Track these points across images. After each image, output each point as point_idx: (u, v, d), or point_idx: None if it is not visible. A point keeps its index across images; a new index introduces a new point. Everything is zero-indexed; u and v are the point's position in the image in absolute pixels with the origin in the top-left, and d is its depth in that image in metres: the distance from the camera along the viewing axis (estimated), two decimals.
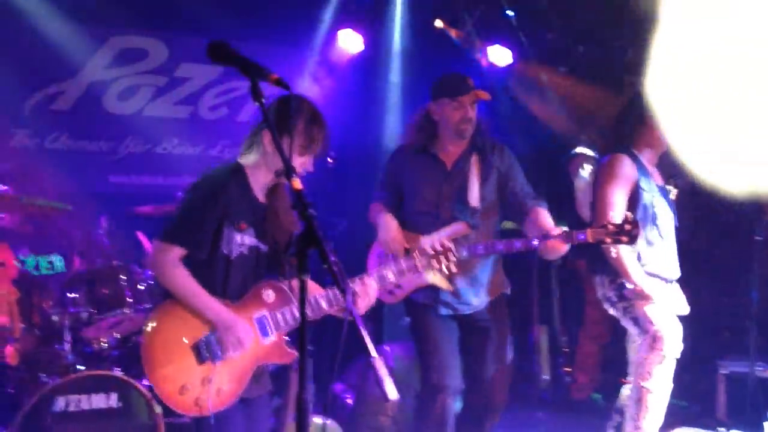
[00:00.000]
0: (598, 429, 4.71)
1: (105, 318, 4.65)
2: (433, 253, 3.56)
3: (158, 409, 4.20)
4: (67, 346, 4.40)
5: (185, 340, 3.17)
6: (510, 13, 7.39)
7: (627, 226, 3.73)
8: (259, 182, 3.29)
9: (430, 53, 7.56)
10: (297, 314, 3.23)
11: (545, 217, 4.05)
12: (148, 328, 3.19)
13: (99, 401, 4.15)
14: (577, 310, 6.57)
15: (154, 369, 3.14)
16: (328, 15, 7.14)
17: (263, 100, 2.38)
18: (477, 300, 4.20)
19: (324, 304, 3.28)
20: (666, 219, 4.40)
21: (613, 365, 4.70)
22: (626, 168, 4.33)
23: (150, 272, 5.15)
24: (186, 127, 7.08)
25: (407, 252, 4.06)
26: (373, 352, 2.28)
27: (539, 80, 7.44)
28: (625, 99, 4.62)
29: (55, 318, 4.46)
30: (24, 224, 5.35)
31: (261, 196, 3.31)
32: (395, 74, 7.63)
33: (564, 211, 6.03)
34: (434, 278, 4.10)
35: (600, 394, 6.30)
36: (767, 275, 5.52)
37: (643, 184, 4.34)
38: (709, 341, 6.17)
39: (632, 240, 3.75)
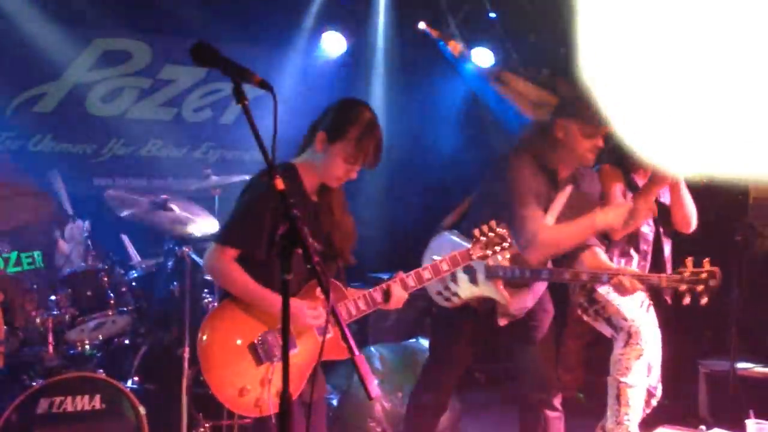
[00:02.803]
0: (581, 427, 4.73)
1: (88, 320, 4.65)
2: (484, 239, 3.45)
3: (143, 410, 4.20)
4: (51, 349, 4.38)
5: (241, 342, 3.14)
6: (493, 15, 7.43)
7: (704, 275, 3.51)
8: (313, 182, 3.27)
9: (414, 55, 7.59)
10: (352, 310, 3.27)
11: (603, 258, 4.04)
12: (204, 334, 3.14)
13: (83, 403, 4.14)
14: (560, 309, 6.59)
15: (212, 372, 3.11)
16: (311, 17, 7.16)
17: (246, 102, 2.38)
18: (532, 302, 4.13)
19: (362, 305, 3.29)
20: (644, 235, 4.45)
21: (597, 364, 4.72)
22: (618, 176, 4.39)
23: (135, 272, 5.16)
24: (170, 129, 7.08)
25: None
26: (356, 351, 2.30)
27: (521, 81, 7.48)
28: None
29: (38, 320, 4.44)
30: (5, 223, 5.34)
31: (314, 196, 3.29)
32: (378, 76, 7.65)
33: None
34: (491, 291, 3.95)
35: (583, 393, 6.33)
36: (747, 275, 5.58)
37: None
38: (691, 341, 6.22)
39: (707, 292, 3.49)
